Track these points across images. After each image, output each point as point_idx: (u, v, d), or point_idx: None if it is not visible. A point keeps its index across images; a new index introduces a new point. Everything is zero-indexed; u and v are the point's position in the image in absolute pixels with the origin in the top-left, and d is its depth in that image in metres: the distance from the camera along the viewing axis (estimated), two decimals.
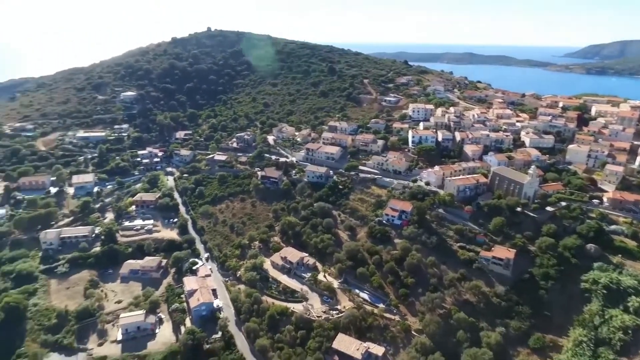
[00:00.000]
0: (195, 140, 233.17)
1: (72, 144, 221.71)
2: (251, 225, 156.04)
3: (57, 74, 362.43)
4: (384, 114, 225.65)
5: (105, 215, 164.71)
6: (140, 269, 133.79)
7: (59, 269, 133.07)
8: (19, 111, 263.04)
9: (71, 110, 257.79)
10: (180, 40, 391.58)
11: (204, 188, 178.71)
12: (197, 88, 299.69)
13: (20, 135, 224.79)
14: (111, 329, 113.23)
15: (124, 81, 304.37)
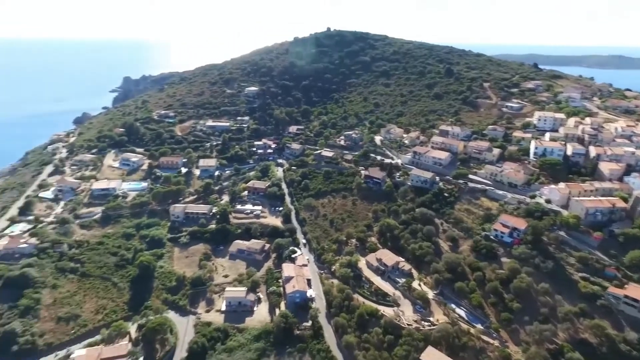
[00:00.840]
0: (305, 136, 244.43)
1: (202, 132, 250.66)
2: (350, 223, 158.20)
3: (197, 69, 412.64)
4: (503, 120, 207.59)
5: (222, 197, 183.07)
6: (246, 250, 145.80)
7: (181, 239, 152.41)
8: (165, 100, 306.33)
9: (204, 102, 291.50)
10: (302, 40, 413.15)
11: (309, 181, 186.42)
12: (312, 86, 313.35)
13: (164, 121, 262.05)
14: (217, 299, 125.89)
15: (249, 77, 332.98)
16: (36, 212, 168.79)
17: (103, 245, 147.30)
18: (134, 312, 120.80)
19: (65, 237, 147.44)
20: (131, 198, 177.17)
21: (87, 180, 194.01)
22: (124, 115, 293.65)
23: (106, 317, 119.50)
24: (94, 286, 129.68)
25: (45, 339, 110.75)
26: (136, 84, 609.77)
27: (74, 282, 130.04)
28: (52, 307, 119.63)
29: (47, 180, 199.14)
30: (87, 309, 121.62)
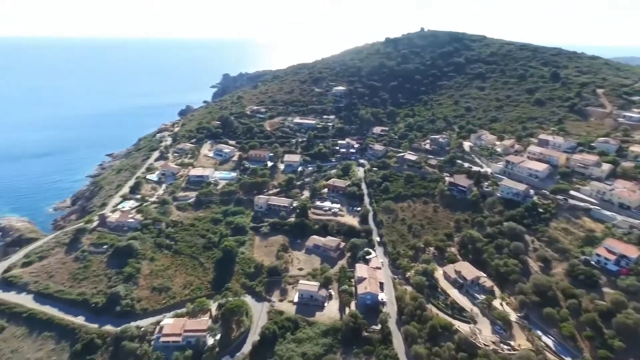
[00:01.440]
0: (389, 137, 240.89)
1: (289, 128, 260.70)
2: (429, 230, 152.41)
3: (288, 68, 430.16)
4: (618, 132, 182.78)
5: (302, 193, 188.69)
6: (322, 246, 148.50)
7: (262, 229, 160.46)
8: (258, 97, 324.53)
9: (293, 99, 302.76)
10: (393, 40, 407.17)
11: (390, 184, 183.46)
12: (400, 87, 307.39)
13: (255, 116, 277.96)
14: (290, 290, 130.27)
15: (337, 77, 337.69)
16: (143, 191, 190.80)
17: (194, 227, 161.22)
18: (216, 291, 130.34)
19: (164, 217, 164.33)
20: (221, 186, 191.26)
21: (186, 166, 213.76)
22: (220, 109, 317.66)
23: (192, 292, 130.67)
24: (184, 263, 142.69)
25: (141, 304, 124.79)
26: (234, 80, 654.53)
27: (168, 257, 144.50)
28: (149, 277, 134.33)
29: (153, 165, 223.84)
30: (177, 283, 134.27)
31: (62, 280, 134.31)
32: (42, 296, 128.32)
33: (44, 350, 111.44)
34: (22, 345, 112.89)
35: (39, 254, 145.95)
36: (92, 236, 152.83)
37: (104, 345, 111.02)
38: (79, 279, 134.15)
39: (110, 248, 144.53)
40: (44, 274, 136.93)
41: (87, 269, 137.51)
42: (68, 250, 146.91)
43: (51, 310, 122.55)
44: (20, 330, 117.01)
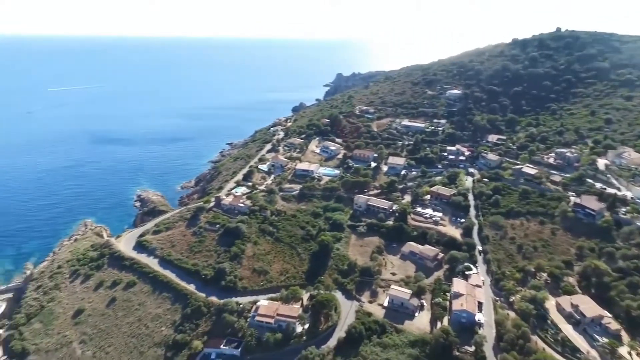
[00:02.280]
0: (506, 147, 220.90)
1: (397, 130, 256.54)
2: (543, 254, 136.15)
3: (402, 69, 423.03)
4: None
5: (403, 197, 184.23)
6: (419, 254, 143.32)
7: (359, 229, 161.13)
8: (368, 97, 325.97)
9: (403, 101, 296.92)
10: (521, 41, 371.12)
11: (501, 197, 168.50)
12: (524, 93, 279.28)
13: (364, 116, 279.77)
14: (381, 293, 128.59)
15: (453, 79, 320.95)
16: (254, 180, 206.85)
17: (295, 218, 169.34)
18: (309, 282, 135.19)
19: (269, 205, 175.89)
20: (324, 182, 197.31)
21: (294, 160, 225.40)
22: (331, 108, 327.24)
23: (287, 279, 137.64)
24: (282, 251, 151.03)
25: (242, 282, 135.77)
26: (346, 80, 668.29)
27: (269, 243, 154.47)
28: (251, 259, 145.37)
29: (265, 156, 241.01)
30: (275, 268, 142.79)
31: (181, 250, 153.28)
32: (165, 261, 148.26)
33: (162, 308, 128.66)
34: (146, 301, 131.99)
35: (166, 225, 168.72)
36: (209, 215, 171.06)
37: (208, 313, 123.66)
38: (194, 251, 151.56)
39: (221, 228, 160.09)
40: (168, 243, 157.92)
41: (201, 243, 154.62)
42: (188, 225, 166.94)
43: (170, 275, 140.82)
44: (146, 288, 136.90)
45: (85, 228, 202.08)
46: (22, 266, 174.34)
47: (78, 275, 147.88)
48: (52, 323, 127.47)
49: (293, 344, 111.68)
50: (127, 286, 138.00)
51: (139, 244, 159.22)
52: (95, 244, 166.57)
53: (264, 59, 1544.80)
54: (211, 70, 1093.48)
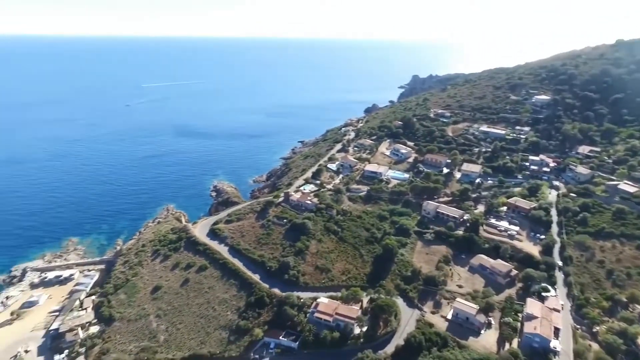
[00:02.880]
0: (600, 160, 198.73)
1: (473, 136, 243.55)
2: (639, 282, 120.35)
3: (483, 72, 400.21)
4: None
5: (477, 207, 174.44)
6: (489, 268, 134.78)
7: (426, 236, 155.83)
8: (444, 100, 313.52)
9: (482, 106, 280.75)
10: (627, 43, 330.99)
11: (590, 216, 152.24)
12: (627, 100, 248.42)
13: (439, 120, 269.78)
14: (445, 305, 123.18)
15: (541, 84, 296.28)
16: (322, 178, 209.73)
17: (361, 219, 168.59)
18: (370, 285, 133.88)
19: (336, 204, 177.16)
20: (392, 185, 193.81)
21: (363, 161, 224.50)
22: (404, 110, 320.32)
23: (348, 280, 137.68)
24: (346, 251, 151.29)
25: (304, 278, 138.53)
26: (422, 82, 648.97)
27: (333, 242, 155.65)
28: (315, 256, 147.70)
29: (335, 155, 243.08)
30: (337, 267, 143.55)
31: (250, 241, 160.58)
32: (234, 250, 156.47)
33: (229, 294, 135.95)
34: (215, 285, 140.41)
35: (237, 216, 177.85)
36: (277, 209, 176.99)
37: (270, 304, 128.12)
38: (262, 243, 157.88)
39: (288, 223, 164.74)
40: (238, 233, 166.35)
41: (268, 236, 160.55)
42: (257, 217, 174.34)
43: (238, 263, 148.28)
44: (216, 273, 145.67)
45: (167, 212, 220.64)
46: (113, 242, 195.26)
47: (158, 255, 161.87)
48: (134, 295, 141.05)
49: (350, 345, 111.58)
50: (199, 269, 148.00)
51: (212, 231, 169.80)
52: (175, 228, 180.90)
53: (344, 60, 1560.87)
54: (295, 71, 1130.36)
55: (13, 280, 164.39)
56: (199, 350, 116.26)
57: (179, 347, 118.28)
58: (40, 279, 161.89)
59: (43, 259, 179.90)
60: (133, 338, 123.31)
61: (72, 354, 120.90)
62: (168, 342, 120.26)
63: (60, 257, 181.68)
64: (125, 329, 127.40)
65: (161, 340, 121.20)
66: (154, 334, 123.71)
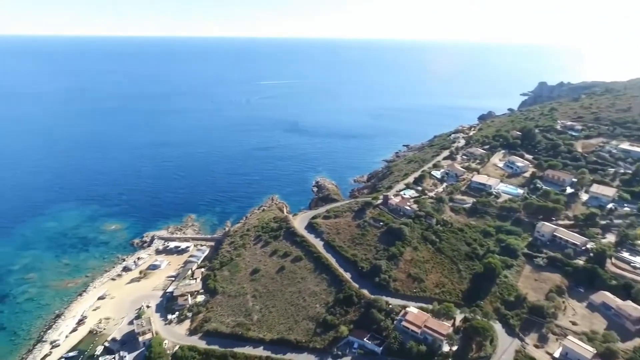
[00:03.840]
0: None
1: (609, 154, 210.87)
2: None
3: (630, 81, 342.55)
4: None
5: (605, 235, 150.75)
6: (615, 309, 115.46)
7: (537, 260, 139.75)
8: (576, 111, 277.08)
9: (626, 120, 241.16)
10: None
11: None
12: None
13: (566, 133, 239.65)
14: (553, 340, 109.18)
15: None
16: (424, 185, 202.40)
17: (462, 232, 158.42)
18: (465, 303, 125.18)
19: (436, 213, 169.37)
20: (502, 200, 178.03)
21: (471, 171, 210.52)
22: (525, 120, 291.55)
23: (441, 294, 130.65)
24: (442, 263, 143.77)
25: (395, 284, 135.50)
26: (550, 90, 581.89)
27: (429, 252, 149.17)
28: (408, 263, 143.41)
29: (440, 162, 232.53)
30: (430, 278, 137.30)
31: (344, 239, 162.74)
32: (329, 246, 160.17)
33: (319, 287, 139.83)
34: (308, 277, 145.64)
35: (335, 213, 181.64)
36: (374, 211, 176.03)
37: (358, 304, 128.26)
38: (356, 242, 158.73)
39: (385, 226, 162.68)
40: (334, 229, 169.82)
41: (363, 236, 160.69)
42: (354, 217, 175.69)
43: (331, 259, 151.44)
44: (310, 265, 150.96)
45: (271, 202, 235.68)
46: (223, 223, 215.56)
47: (260, 240, 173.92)
48: (236, 274, 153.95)
49: None
50: (294, 259, 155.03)
51: (310, 225, 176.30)
52: (277, 217, 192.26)
53: (456, 63, 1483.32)
54: (400, 72, 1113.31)
55: (143, 245, 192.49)
56: (287, 336, 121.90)
57: (269, 329, 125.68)
58: (163, 246, 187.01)
59: (167, 230, 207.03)
60: (231, 312, 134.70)
61: (181, 316, 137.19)
62: (260, 322, 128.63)
63: (180, 230, 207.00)
64: (226, 303, 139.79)
65: (254, 319, 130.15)
66: (249, 312, 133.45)
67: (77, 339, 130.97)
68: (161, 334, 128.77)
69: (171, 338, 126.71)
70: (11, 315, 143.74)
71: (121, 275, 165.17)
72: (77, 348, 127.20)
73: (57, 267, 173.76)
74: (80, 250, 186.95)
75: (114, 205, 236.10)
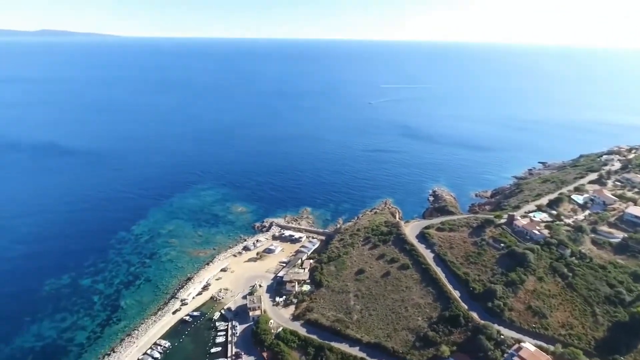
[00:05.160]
0: None
1: None
2: None
3: None
4: None
5: None
6: None
7: None
8: None
9: None
10: None
11: None
12: None
13: None
14: None
15: None
16: (561, 209, 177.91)
17: (604, 270, 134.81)
18: (598, 354, 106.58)
19: (572, 243, 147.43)
20: None
21: (625, 201, 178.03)
22: None
23: (568, 336, 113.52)
24: (572, 301, 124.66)
25: (510, 314, 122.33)
26: None
27: (557, 285, 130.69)
28: (529, 294, 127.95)
29: (584, 186, 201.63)
30: (555, 316, 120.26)
31: (457, 255, 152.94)
32: (440, 259, 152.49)
33: (424, 300, 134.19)
34: (413, 287, 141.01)
35: (450, 226, 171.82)
36: (495, 231, 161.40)
37: (465, 326, 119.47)
38: (470, 261, 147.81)
39: (506, 248, 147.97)
40: (447, 243, 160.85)
41: (479, 256, 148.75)
42: (472, 234, 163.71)
43: (440, 273, 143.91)
44: (416, 276, 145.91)
45: (384, 205, 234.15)
46: (335, 220, 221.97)
47: (368, 242, 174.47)
48: (341, 271, 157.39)
49: None
50: (401, 267, 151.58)
51: (421, 234, 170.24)
52: (388, 222, 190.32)
53: (585, 70, 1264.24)
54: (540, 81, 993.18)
55: (262, 229, 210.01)
56: (384, 342, 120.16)
57: (367, 331, 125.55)
58: (279, 233, 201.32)
59: (284, 218, 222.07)
60: (332, 307, 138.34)
61: (287, 300, 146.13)
62: (359, 322, 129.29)
63: (296, 220, 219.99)
64: (329, 297, 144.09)
65: (354, 318, 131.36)
66: (349, 310, 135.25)
67: (200, 301, 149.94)
68: (269, 313, 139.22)
69: (276, 319, 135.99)
70: (156, 271, 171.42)
71: (241, 253, 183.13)
72: (199, 309, 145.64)
73: (192, 236, 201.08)
74: (211, 226, 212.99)
75: (243, 190, 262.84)
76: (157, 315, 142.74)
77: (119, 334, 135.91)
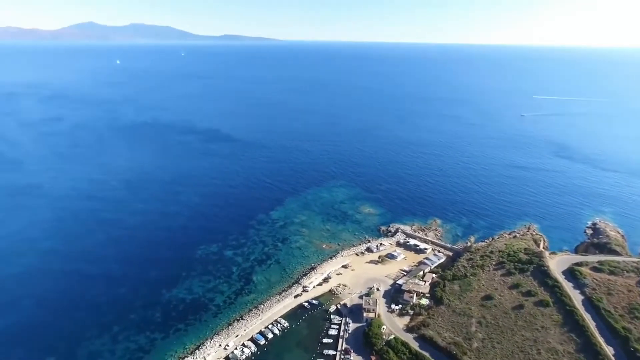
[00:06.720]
0: None
1: None
2: None
3: None
4: None
5: None
6: None
7: None
8: None
9: None
10: None
11: None
12: None
13: None
14: None
15: None
16: None
17: None
18: None
19: None
20: None
21: None
22: None
23: None
24: None
25: None
26: None
27: None
28: None
29: None
30: None
31: (617, 304, 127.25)
32: (591, 304, 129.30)
33: (564, 347, 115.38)
34: (551, 329, 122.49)
35: (612, 268, 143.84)
36: None
37: None
38: (634, 315, 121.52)
39: None
40: (604, 288, 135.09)
41: None
42: (639, 282, 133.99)
43: (590, 321, 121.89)
44: (557, 317, 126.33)
45: (526, 230, 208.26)
46: (467, 237, 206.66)
47: (502, 267, 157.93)
48: (466, 292, 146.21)
49: None
50: (539, 303, 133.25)
51: (570, 271, 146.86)
52: (529, 249, 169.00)
53: None
54: None
55: (387, 234, 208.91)
56: None
57: None
58: (404, 241, 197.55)
59: (411, 226, 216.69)
60: (450, 328, 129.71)
61: (402, 310, 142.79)
62: (479, 352, 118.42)
63: (423, 230, 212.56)
64: (448, 316, 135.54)
65: (473, 346, 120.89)
66: (469, 336, 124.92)
67: (320, 292, 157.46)
68: (382, 318, 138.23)
69: (389, 326, 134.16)
70: (285, 255, 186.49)
71: (364, 254, 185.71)
72: (318, 299, 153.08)
73: (321, 229, 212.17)
74: (339, 222, 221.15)
75: (373, 192, 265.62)
76: (281, 295, 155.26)
77: (248, 304, 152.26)
